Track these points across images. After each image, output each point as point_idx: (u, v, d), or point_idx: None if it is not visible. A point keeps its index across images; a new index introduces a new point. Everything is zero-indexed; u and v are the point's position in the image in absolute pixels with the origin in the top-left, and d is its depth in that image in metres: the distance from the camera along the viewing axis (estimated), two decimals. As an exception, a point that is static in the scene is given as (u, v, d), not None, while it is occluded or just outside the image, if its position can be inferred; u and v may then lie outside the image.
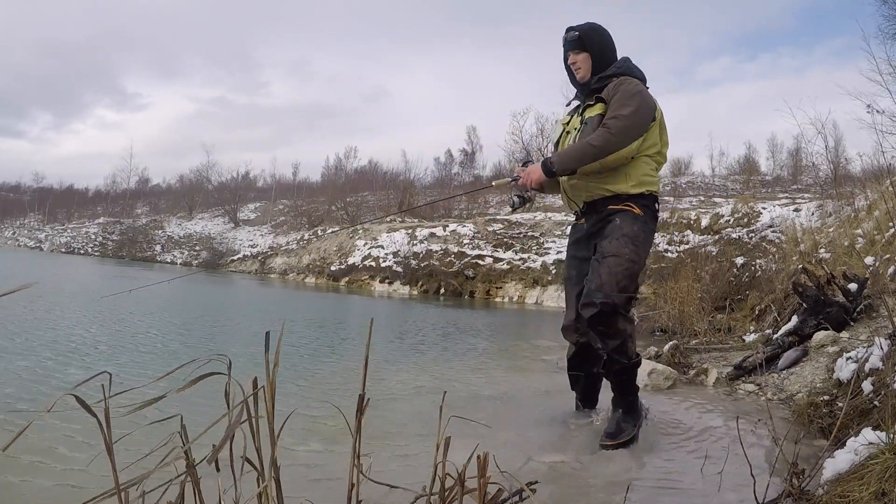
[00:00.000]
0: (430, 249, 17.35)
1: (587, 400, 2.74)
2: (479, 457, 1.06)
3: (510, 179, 2.66)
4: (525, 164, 2.67)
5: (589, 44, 2.50)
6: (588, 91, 2.52)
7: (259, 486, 0.91)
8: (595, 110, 2.43)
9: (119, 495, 0.80)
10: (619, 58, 2.57)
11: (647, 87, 2.53)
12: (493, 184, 2.97)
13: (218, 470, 0.91)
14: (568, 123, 2.64)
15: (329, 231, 23.81)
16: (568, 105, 2.75)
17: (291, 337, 5.28)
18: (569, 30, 2.54)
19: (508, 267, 15.45)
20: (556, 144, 2.69)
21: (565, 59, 2.58)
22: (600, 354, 2.49)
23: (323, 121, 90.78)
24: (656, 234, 2.86)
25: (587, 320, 2.36)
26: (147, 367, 3.51)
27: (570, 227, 2.78)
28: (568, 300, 2.66)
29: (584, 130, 2.45)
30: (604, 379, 2.68)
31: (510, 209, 2.70)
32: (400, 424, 2.50)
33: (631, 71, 2.51)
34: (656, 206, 2.54)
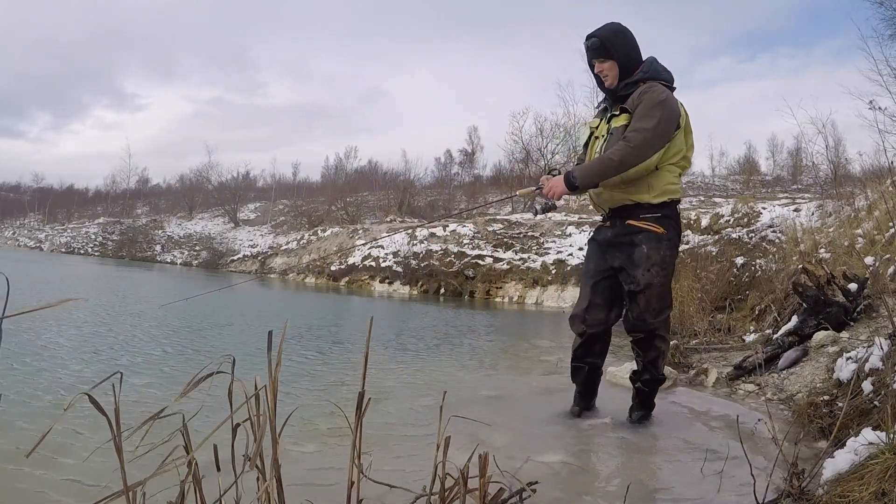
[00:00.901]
0: (430, 249, 17.34)
1: (585, 394, 2.76)
2: (480, 456, 1.06)
3: (535, 188, 2.71)
4: (550, 172, 2.69)
5: (613, 50, 2.46)
6: (615, 97, 2.52)
7: (260, 487, 0.91)
8: (620, 120, 2.44)
9: (127, 495, 0.81)
10: (643, 57, 2.53)
11: (675, 88, 2.51)
12: (518, 192, 3.13)
13: (219, 469, 0.91)
14: (597, 128, 2.64)
15: (329, 231, 23.79)
16: (597, 107, 2.75)
17: (291, 337, 5.28)
18: (589, 37, 2.49)
19: (508, 267, 15.44)
20: (585, 147, 2.69)
21: (591, 66, 2.55)
22: (605, 350, 2.73)
23: (322, 121, 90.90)
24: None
25: (632, 341, 2.64)
26: (159, 365, 3.52)
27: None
28: (582, 290, 2.72)
29: (609, 140, 2.47)
30: (601, 381, 2.83)
31: (532, 215, 2.80)
32: (400, 424, 2.50)
33: (658, 74, 2.49)
34: (678, 210, 2.57)
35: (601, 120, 2.62)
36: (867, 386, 2.25)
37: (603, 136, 2.54)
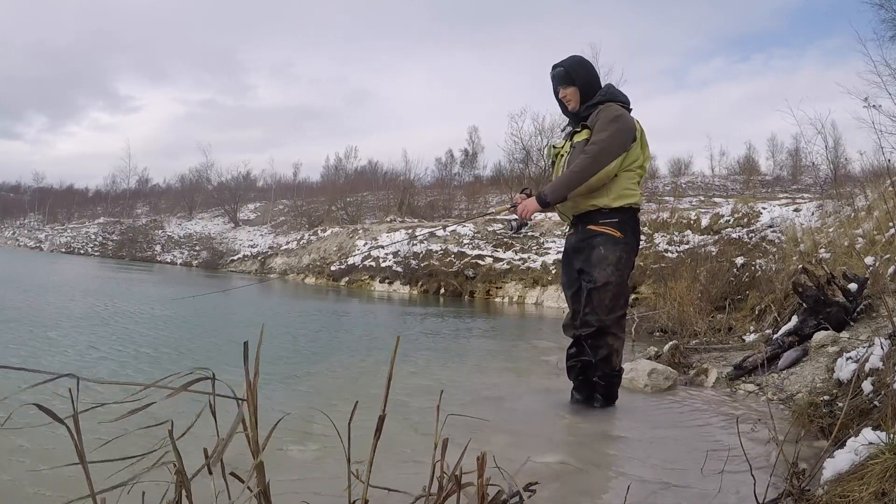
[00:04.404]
0: (430, 249, 17.33)
1: (581, 388, 2.95)
2: (478, 457, 1.06)
3: (509, 206, 2.99)
4: (523, 191, 3.01)
5: (576, 77, 2.79)
6: (577, 118, 2.82)
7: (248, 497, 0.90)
8: (582, 136, 2.74)
9: (94, 500, 0.80)
10: (602, 84, 2.84)
11: (630, 109, 2.79)
12: (494, 210, 3.45)
13: (211, 473, 0.91)
14: (562, 147, 2.94)
15: (329, 231, 23.77)
16: (563, 131, 3.07)
17: (289, 339, 5.28)
18: (555, 66, 2.83)
19: (508, 267, 15.43)
20: (553, 165, 3.02)
21: (556, 93, 2.87)
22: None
23: (313, 122, 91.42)
24: (656, 234, 3.19)
25: (582, 336, 2.78)
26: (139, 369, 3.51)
27: (569, 227, 3.00)
28: (567, 302, 3.02)
29: (572, 154, 2.76)
30: None
31: (510, 232, 3.05)
32: (398, 425, 2.49)
33: (615, 97, 2.78)
34: (637, 216, 2.82)
35: (566, 141, 2.91)
36: (867, 386, 2.24)
37: (567, 152, 2.84)
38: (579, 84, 2.78)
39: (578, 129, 2.77)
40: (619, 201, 2.70)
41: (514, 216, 2.92)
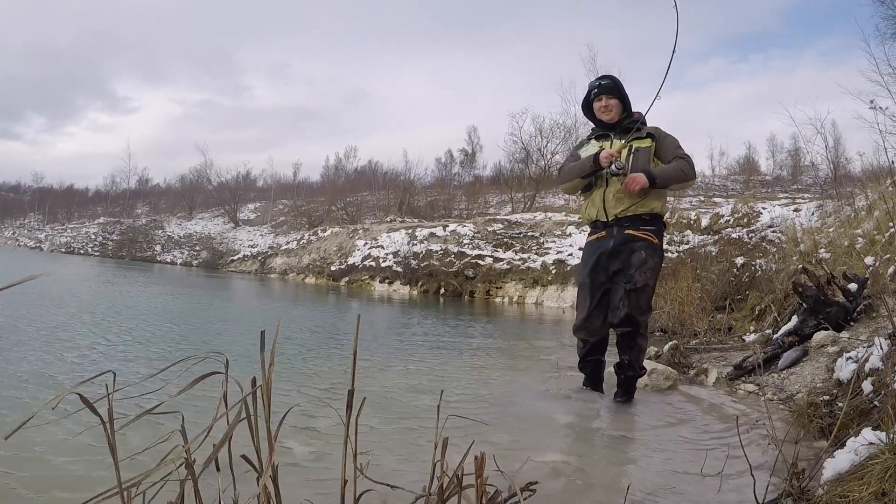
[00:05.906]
0: (430, 249, 17.33)
1: (591, 379, 3.19)
2: (476, 457, 1.06)
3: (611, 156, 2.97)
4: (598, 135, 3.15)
5: (622, 92, 3.06)
6: (621, 129, 3.03)
7: (258, 486, 0.90)
8: (645, 143, 2.96)
9: (121, 495, 0.80)
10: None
11: None
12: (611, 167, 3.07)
13: (218, 470, 0.91)
14: (601, 147, 3.03)
15: (329, 231, 23.77)
16: (590, 137, 3.17)
17: (289, 337, 5.28)
18: (604, 77, 3.10)
19: (508, 267, 15.42)
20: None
21: (594, 99, 3.08)
22: (605, 346, 3.14)
23: (310, 122, 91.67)
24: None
25: (620, 335, 2.96)
26: (149, 364, 3.51)
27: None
28: (583, 300, 3.11)
29: (637, 156, 2.94)
30: (605, 378, 3.21)
31: (617, 169, 2.95)
32: (399, 424, 2.49)
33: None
34: (663, 224, 3.06)
35: (608, 141, 3.05)
36: (867, 386, 2.24)
37: (618, 151, 2.97)
38: (623, 99, 3.05)
39: (643, 136, 2.97)
40: (661, 209, 2.99)
41: (616, 163, 2.94)
